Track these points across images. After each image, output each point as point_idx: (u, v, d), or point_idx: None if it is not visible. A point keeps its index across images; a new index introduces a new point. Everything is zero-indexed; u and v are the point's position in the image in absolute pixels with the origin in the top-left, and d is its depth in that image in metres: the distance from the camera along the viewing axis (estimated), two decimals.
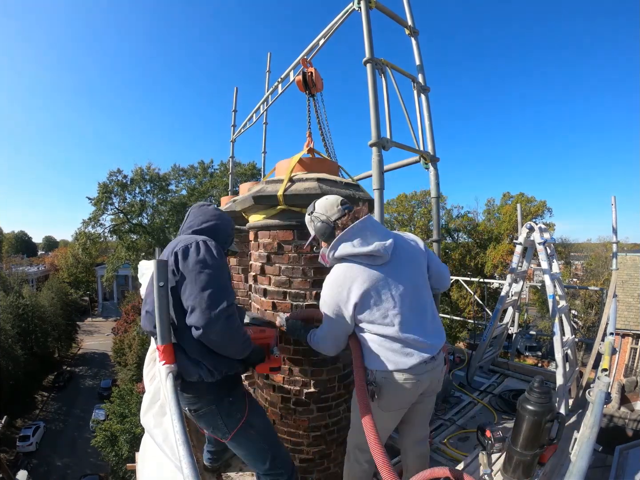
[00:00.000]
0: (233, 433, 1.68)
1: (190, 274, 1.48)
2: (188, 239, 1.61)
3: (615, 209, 3.73)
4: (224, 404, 1.65)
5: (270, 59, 5.96)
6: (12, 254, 45.97)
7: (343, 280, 1.60)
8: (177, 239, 1.68)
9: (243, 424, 1.68)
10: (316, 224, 1.70)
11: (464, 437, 2.90)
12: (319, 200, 1.75)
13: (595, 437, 1.34)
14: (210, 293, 1.45)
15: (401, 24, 2.81)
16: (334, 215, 1.67)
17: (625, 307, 13.72)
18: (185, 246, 1.54)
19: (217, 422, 1.66)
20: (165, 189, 25.38)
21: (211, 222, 1.77)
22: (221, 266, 1.58)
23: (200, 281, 1.47)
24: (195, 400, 1.62)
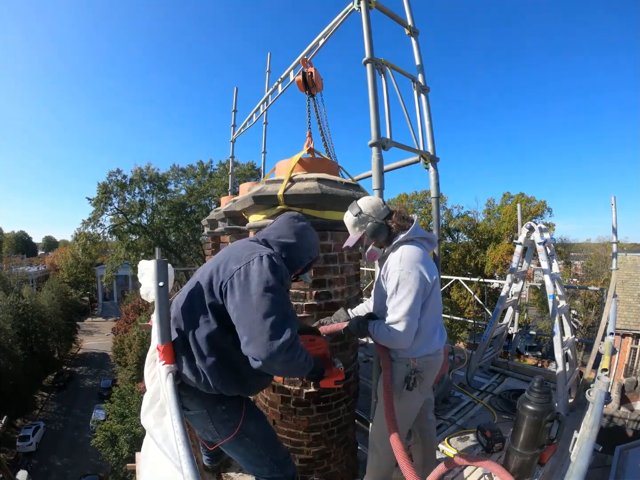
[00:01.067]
0: (224, 441, 1.58)
1: (251, 298, 1.32)
2: (250, 252, 1.44)
3: (615, 209, 3.73)
4: (216, 411, 1.55)
5: (270, 59, 5.96)
6: (12, 254, 45.97)
7: (424, 255, 1.74)
8: (236, 252, 1.49)
9: (236, 433, 1.56)
10: (367, 224, 1.79)
11: (464, 437, 2.90)
12: (363, 201, 1.85)
13: (595, 437, 1.34)
14: (273, 322, 1.29)
15: (401, 24, 2.81)
16: (382, 215, 1.82)
17: (625, 307, 13.71)
18: (246, 265, 1.38)
19: (208, 425, 1.57)
20: (165, 189, 25.36)
21: (287, 240, 1.58)
22: (284, 287, 1.43)
23: (262, 307, 1.30)
24: (187, 400, 1.54)
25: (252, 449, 1.63)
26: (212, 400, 1.53)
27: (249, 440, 1.61)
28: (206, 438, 1.68)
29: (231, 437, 1.56)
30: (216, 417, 1.55)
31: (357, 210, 1.81)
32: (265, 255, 1.40)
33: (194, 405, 1.55)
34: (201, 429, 1.62)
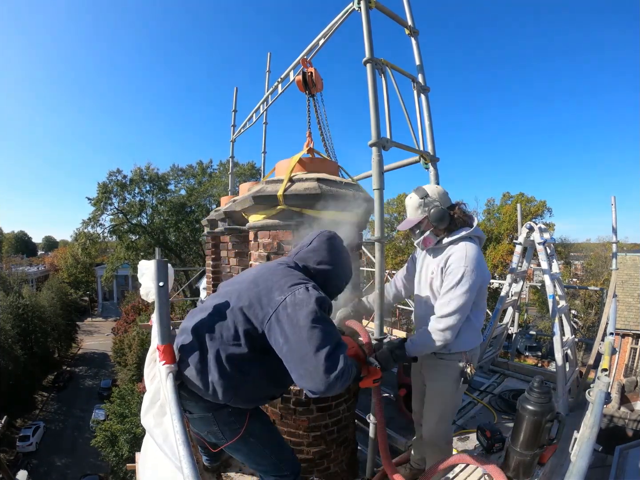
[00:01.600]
0: (229, 443, 1.56)
1: (301, 330, 1.28)
2: (295, 278, 1.42)
3: (615, 209, 3.73)
4: (222, 414, 1.52)
5: (270, 59, 5.95)
6: (12, 254, 45.99)
7: (482, 259, 1.77)
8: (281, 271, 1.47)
9: (242, 434, 1.55)
10: (431, 208, 1.82)
11: (464, 437, 2.90)
12: (430, 187, 1.90)
13: (595, 437, 1.34)
14: (327, 354, 1.26)
15: (401, 24, 2.81)
16: (447, 203, 1.87)
17: (625, 307, 13.72)
18: (292, 297, 1.34)
19: (212, 427, 1.55)
20: (165, 189, 25.37)
21: (327, 267, 1.54)
22: (328, 316, 1.41)
23: (313, 340, 1.26)
24: (192, 404, 1.51)
25: (257, 449, 1.62)
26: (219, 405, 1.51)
27: (254, 440, 1.60)
28: (209, 440, 1.66)
29: (236, 439, 1.54)
30: (222, 420, 1.53)
31: (423, 193, 1.85)
32: (310, 286, 1.39)
33: (198, 409, 1.52)
34: (205, 431, 1.60)
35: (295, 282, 1.40)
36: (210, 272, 5.56)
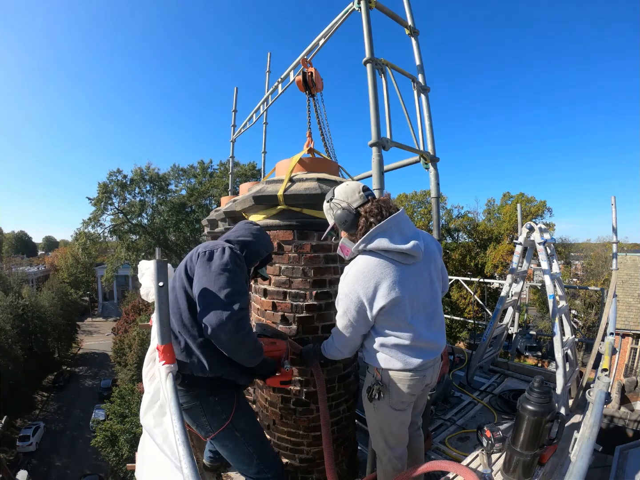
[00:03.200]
0: (215, 433, 1.67)
1: (211, 274, 1.52)
2: (215, 243, 1.69)
3: (615, 209, 3.73)
4: (208, 402, 1.65)
5: (270, 59, 5.96)
6: (12, 254, 46.03)
7: (372, 274, 1.48)
8: (205, 243, 1.74)
9: (227, 425, 1.66)
10: (336, 211, 1.58)
11: (464, 437, 2.90)
12: (339, 186, 1.64)
13: (595, 437, 1.34)
14: (227, 294, 1.48)
15: (401, 24, 2.81)
16: (355, 202, 1.56)
17: (625, 307, 13.72)
18: (210, 250, 1.62)
19: (201, 419, 1.66)
20: (165, 189, 25.37)
21: (245, 238, 1.81)
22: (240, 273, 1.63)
23: (218, 282, 1.50)
24: (182, 393, 1.62)
25: (241, 445, 1.72)
26: (206, 390, 1.63)
27: (239, 435, 1.70)
28: (199, 432, 1.73)
29: (222, 429, 1.65)
30: (208, 409, 1.64)
31: (330, 195, 1.63)
32: (227, 246, 1.65)
33: (188, 397, 1.63)
34: (195, 424, 1.69)
35: (217, 244, 1.68)
36: None
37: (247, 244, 1.79)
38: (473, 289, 10.83)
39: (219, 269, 1.54)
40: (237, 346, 1.52)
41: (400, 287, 1.49)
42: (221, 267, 1.55)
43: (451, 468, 1.67)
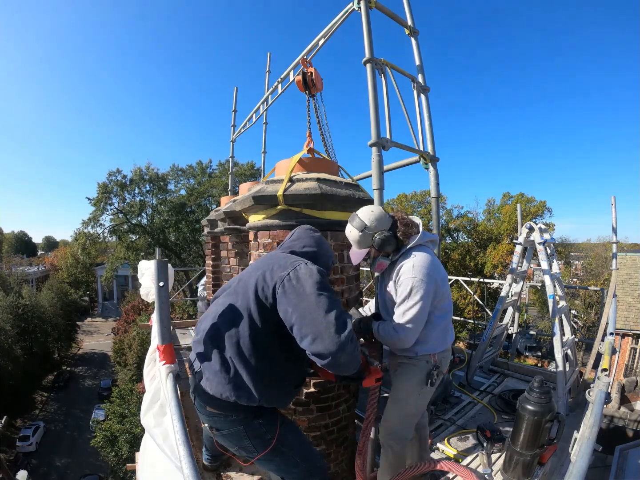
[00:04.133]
0: (261, 455, 1.52)
1: (309, 297, 1.35)
2: (292, 258, 1.51)
3: (615, 209, 3.73)
4: (253, 426, 1.49)
5: (270, 59, 5.96)
6: (12, 254, 45.94)
7: (436, 262, 1.80)
8: (273, 257, 1.57)
9: (274, 445, 1.52)
10: (376, 239, 1.79)
11: (464, 437, 2.90)
12: (365, 214, 1.82)
13: (595, 437, 1.34)
14: (337, 316, 1.34)
15: (401, 24, 2.81)
16: (387, 225, 1.83)
17: (625, 307, 13.71)
18: (293, 268, 1.43)
19: (244, 442, 1.51)
20: (165, 189, 25.34)
21: (311, 248, 1.68)
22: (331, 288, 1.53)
23: (322, 304, 1.34)
24: (221, 419, 1.47)
25: (289, 458, 1.60)
26: (249, 415, 1.48)
27: (286, 450, 1.58)
28: (240, 454, 1.60)
29: (268, 450, 1.52)
30: (252, 433, 1.50)
31: (361, 225, 1.80)
32: (309, 262, 1.49)
33: (228, 424, 1.48)
34: (235, 447, 1.56)
35: (295, 260, 1.49)
36: (210, 272, 5.56)
37: (315, 256, 1.65)
38: (473, 289, 10.82)
39: (315, 290, 1.36)
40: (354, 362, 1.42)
41: (443, 270, 1.86)
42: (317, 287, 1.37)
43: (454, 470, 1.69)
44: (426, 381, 1.83)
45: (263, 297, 1.41)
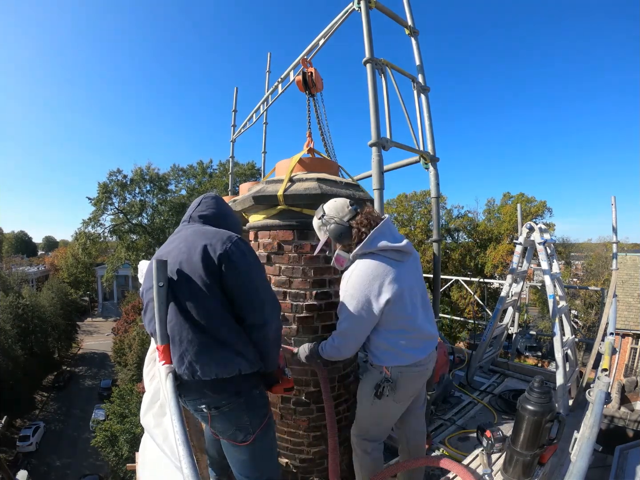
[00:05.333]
0: (257, 432, 1.51)
1: (252, 269, 1.44)
2: (223, 234, 1.48)
3: (615, 209, 3.73)
4: (253, 396, 1.51)
5: (270, 59, 5.96)
6: (12, 254, 45.96)
7: (375, 274, 1.62)
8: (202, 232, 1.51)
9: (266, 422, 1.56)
10: (329, 227, 1.72)
11: (464, 437, 2.90)
12: (327, 204, 1.78)
13: (595, 437, 1.34)
14: (271, 290, 1.49)
15: (401, 24, 2.81)
16: (346, 216, 1.72)
17: (625, 307, 13.71)
18: (232, 243, 1.43)
19: (243, 418, 1.49)
20: (165, 189, 25.39)
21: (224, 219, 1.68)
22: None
23: (262, 277, 1.48)
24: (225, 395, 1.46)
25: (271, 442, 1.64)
26: (249, 385, 1.50)
27: (271, 434, 1.62)
28: (236, 438, 1.53)
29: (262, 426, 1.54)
30: (252, 404, 1.51)
31: (320, 213, 1.76)
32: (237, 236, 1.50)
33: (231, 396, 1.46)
34: (232, 428, 1.51)
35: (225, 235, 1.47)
36: None
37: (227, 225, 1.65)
38: (473, 289, 10.82)
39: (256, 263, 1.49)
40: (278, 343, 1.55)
41: (400, 281, 1.64)
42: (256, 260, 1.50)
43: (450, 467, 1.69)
44: (375, 391, 1.74)
45: (212, 268, 1.39)
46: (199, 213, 1.65)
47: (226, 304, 1.44)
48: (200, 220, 1.62)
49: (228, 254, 1.41)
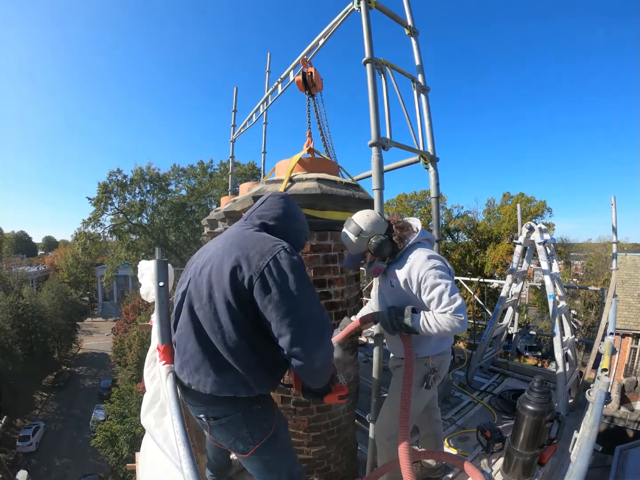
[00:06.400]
0: (257, 446, 1.43)
1: (289, 293, 1.25)
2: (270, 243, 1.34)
3: (615, 209, 3.73)
4: (252, 411, 1.42)
5: (270, 59, 5.96)
6: (12, 254, 45.94)
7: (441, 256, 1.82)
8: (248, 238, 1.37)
9: (270, 435, 1.45)
10: (373, 243, 1.77)
11: (464, 437, 2.90)
12: (361, 219, 1.80)
13: (595, 437, 1.34)
14: (319, 313, 1.29)
15: (401, 24, 2.81)
16: (384, 229, 1.82)
17: (625, 307, 13.71)
18: (273, 256, 1.28)
19: (241, 431, 1.41)
20: (165, 189, 25.37)
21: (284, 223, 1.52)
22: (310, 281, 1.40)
23: (304, 299, 1.27)
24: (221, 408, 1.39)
25: (278, 456, 1.52)
26: (248, 402, 1.41)
27: (279, 444, 1.51)
28: (236, 448, 1.48)
29: (265, 440, 1.44)
30: (252, 419, 1.42)
31: (357, 229, 1.78)
32: (287, 246, 1.34)
33: (228, 410, 1.40)
34: (232, 438, 1.45)
35: (273, 244, 1.33)
36: None
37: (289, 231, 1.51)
38: (473, 289, 10.81)
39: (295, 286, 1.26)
40: (326, 372, 1.39)
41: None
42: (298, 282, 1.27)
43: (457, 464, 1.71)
44: (422, 383, 1.84)
45: (241, 287, 1.27)
46: (259, 213, 1.51)
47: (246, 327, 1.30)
48: (258, 222, 1.49)
49: (263, 274, 1.25)
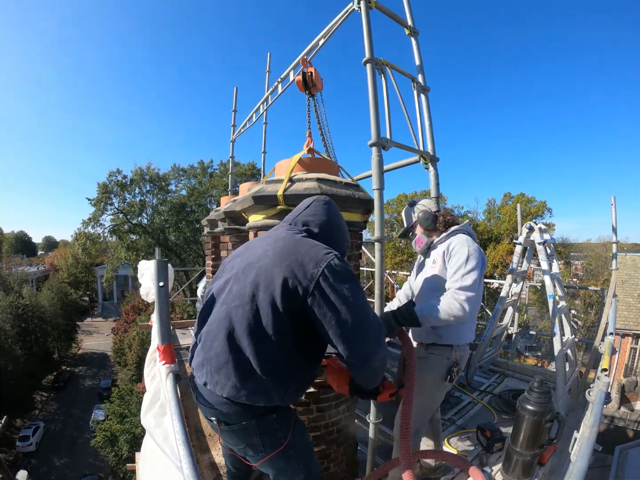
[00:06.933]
0: (269, 455, 1.37)
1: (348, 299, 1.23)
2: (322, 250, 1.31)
3: (615, 209, 3.73)
4: (266, 420, 1.34)
5: (270, 59, 5.96)
6: (12, 254, 45.93)
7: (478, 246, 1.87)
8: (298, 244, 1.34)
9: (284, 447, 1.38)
10: (418, 213, 2.06)
11: (464, 437, 2.90)
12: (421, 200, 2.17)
13: (595, 437, 1.34)
14: (374, 316, 1.30)
15: (401, 24, 2.81)
16: (434, 207, 2.09)
17: (625, 307, 13.71)
18: (327, 263, 1.26)
19: (253, 439, 1.35)
20: (165, 189, 25.33)
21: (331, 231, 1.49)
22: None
23: (361, 305, 1.26)
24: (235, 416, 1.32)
25: (293, 463, 1.45)
26: (265, 410, 1.34)
27: (293, 453, 1.43)
28: (246, 454, 1.43)
29: (277, 452, 1.38)
30: (264, 428, 1.35)
31: (412, 203, 2.17)
32: (338, 254, 1.33)
33: (241, 417, 1.33)
34: (243, 444, 1.39)
35: (325, 252, 1.31)
36: (210, 272, 5.56)
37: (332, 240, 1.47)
38: None
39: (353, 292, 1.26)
40: (381, 372, 1.39)
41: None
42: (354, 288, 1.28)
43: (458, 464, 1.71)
44: (446, 377, 1.90)
45: (294, 294, 1.23)
46: (305, 218, 1.47)
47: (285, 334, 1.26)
48: (304, 228, 1.45)
49: (319, 282, 1.23)
